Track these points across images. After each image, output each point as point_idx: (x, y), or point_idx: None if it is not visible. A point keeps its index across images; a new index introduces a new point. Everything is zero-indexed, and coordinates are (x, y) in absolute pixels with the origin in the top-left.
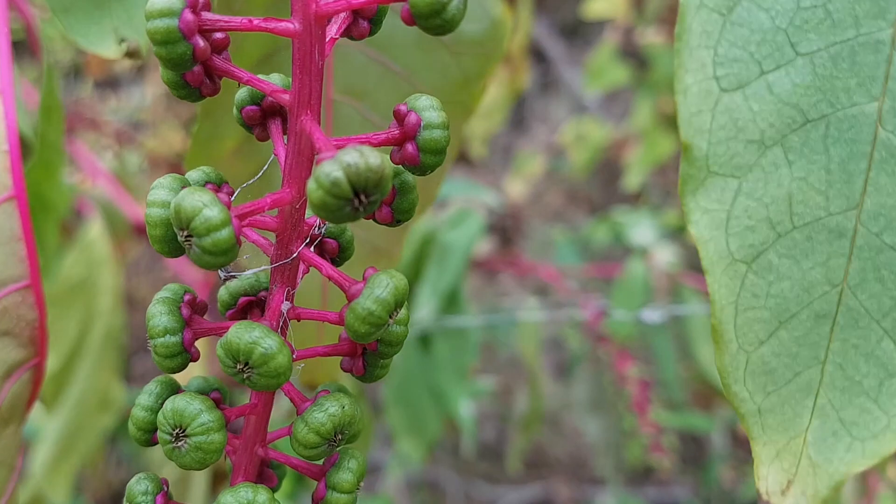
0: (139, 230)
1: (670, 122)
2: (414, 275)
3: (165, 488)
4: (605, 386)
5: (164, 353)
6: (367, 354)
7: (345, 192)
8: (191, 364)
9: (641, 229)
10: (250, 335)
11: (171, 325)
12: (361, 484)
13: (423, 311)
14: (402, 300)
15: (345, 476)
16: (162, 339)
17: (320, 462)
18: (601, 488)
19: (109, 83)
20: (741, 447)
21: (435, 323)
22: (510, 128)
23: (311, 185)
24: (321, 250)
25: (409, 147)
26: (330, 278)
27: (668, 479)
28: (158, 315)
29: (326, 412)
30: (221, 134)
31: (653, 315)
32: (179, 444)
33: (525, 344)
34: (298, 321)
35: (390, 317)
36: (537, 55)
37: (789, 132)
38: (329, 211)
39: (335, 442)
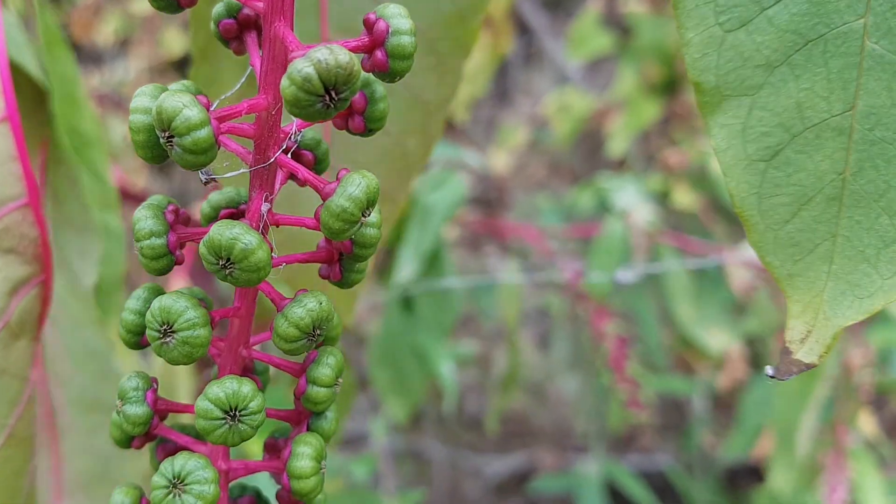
0: (124, 195)
1: (655, 88)
2: (395, 237)
3: (155, 386)
4: (583, 343)
5: (150, 254)
6: (343, 259)
7: (316, 87)
8: None
9: (626, 194)
10: (231, 231)
11: (157, 228)
12: (340, 380)
13: (405, 272)
14: (374, 199)
15: (324, 371)
16: (147, 241)
17: (301, 361)
18: (584, 456)
19: (93, 58)
20: (722, 412)
21: (417, 285)
22: (493, 100)
23: (284, 82)
24: (298, 162)
25: (379, 53)
26: (306, 181)
27: (650, 447)
28: (144, 219)
29: (305, 307)
30: (220, 79)
31: (626, 275)
32: (167, 339)
33: (506, 306)
34: (277, 227)
35: (363, 215)
36: (520, 27)
37: (793, 52)
38: (301, 107)
39: (314, 336)
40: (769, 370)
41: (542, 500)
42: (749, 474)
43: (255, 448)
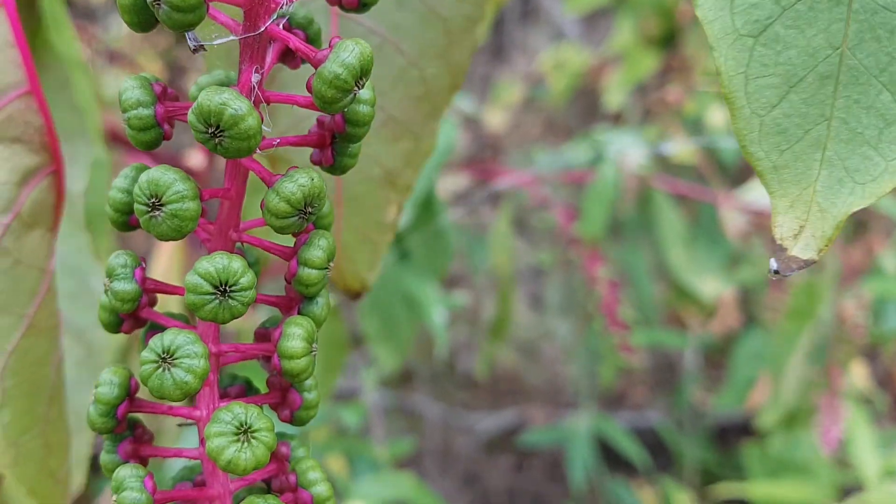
0: (113, 137)
1: (653, 42)
2: None
3: (144, 265)
4: (575, 288)
5: (137, 125)
6: (335, 142)
7: None
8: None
9: (620, 141)
10: (220, 97)
11: (144, 98)
12: (331, 263)
13: (399, 219)
14: (368, 68)
15: (315, 253)
16: (135, 111)
17: (292, 244)
18: (575, 412)
19: (86, 14)
20: (713, 369)
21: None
22: (489, 58)
23: None
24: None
25: None
26: (297, 50)
27: (641, 404)
28: (131, 89)
29: (296, 182)
30: None
31: (668, 147)
32: (155, 213)
33: (496, 254)
34: (268, 105)
35: (356, 84)
36: None
37: None
38: None
39: (305, 214)
40: (773, 264)
41: (533, 455)
42: (739, 431)
43: None
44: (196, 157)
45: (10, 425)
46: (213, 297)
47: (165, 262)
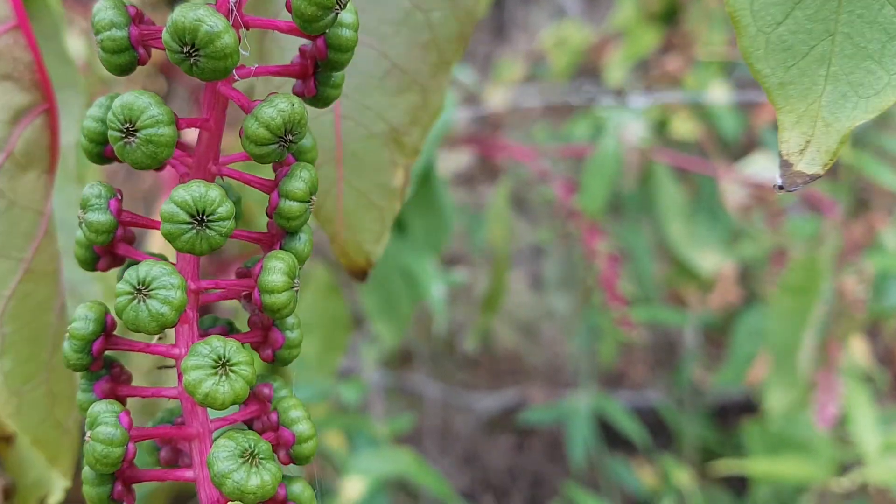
0: None
1: (654, 18)
2: None
3: (119, 196)
4: (575, 262)
5: (110, 47)
6: (317, 72)
7: None
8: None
9: (621, 116)
10: (195, 13)
11: (117, 19)
12: (314, 198)
13: (407, 188)
14: None
15: (297, 184)
16: (108, 32)
17: (272, 177)
18: (575, 391)
19: None
20: (712, 346)
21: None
22: (490, 37)
23: None
24: None
25: None
26: None
27: (640, 384)
28: (104, 10)
29: (276, 108)
30: None
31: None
32: (130, 139)
33: (494, 226)
34: (248, 29)
35: (338, 2)
36: None
37: None
38: None
39: (285, 141)
40: (777, 179)
41: (532, 434)
42: (739, 410)
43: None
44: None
45: (11, 373)
46: (190, 226)
47: (160, 243)
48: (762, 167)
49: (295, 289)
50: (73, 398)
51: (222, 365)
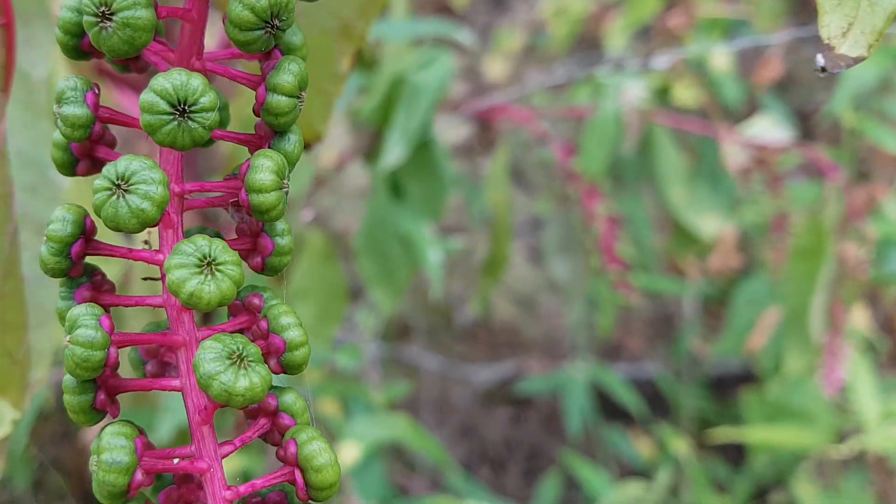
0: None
1: None
2: (383, 119)
3: (96, 91)
4: (574, 225)
5: None
6: None
7: None
8: None
9: (627, 87)
10: None
11: None
12: (304, 94)
13: (393, 154)
14: None
15: (285, 77)
16: None
17: (259, 71)
18: (573, 362)
19: None
20: (711, 318)
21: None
22: (490, 6)
23: None
24: None
25: None
26: None
27: (638, 356)
28: None
29: None
30: None
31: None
32: (106, 24)
33: (493, 191)
34: None
35: None
36: None
37: None
38: None
39: (271, 27)
40: (819, 60)
41: (529, 407)
42: (736, 381)
43: None
44: None
45: None
46: (171, 117)
47: None
48: (764, 129)
49: (284, 189)
50: (23, 330)
51: (207, 264)
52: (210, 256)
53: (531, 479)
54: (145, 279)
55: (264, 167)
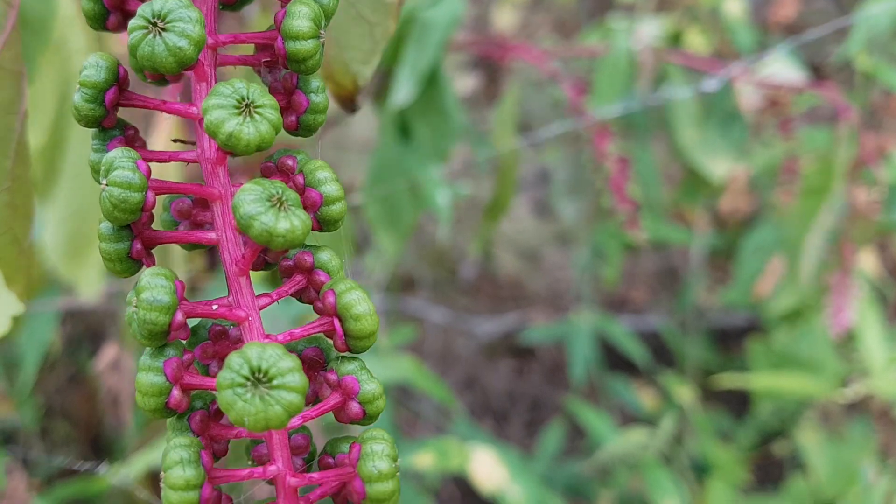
0: None
1: None
2: (392, 57)
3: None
4: (584, 164)
5: None
6: None
7: None
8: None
9: (641, 27)
10: None
11: None
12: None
13: (402, 92)
14: None
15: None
16: None
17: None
18: (577, 311)
19: None
20: (716, 271)
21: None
22: None
23: None
24: None
25: None
26: None
27: (643, 308)
28: None
29: None
30: None
31: (711, 84)
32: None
33: (500, 131)
34: None
35: None
36: None
37: None
38: None
39: None
40: None
41: (532, 359)
42: (741, 334)
43: None
44: None
45: None
46: None
47: (165, 136)
48: (777, 70)
49: (321, 39)
50: (30, 219)
51: (246, 106)
52: (248, 98)
53: (534, 430)
54: (175, 141)
55: (301, 14)
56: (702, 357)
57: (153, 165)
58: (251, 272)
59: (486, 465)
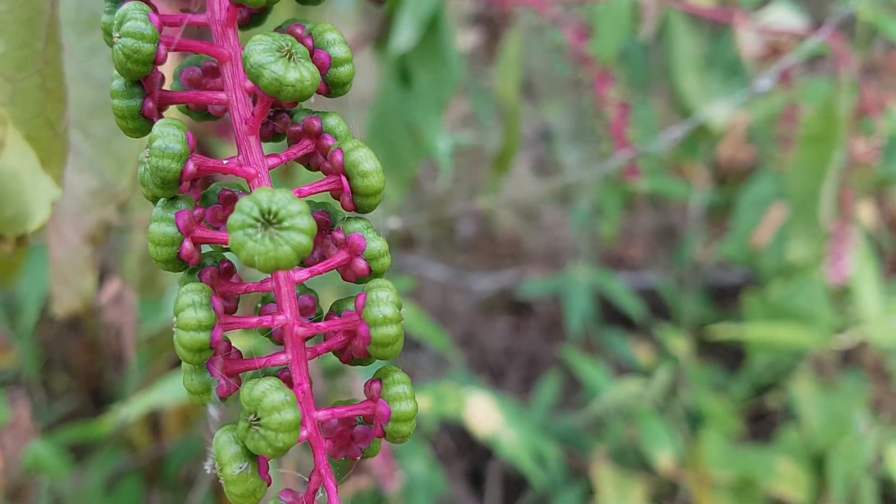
0: None
1: None
2: (394, 2)
3: None
4: (585, 110)
5: None
6: None
7: None
8: None
9: None
10: None
11: None
12: None
13: (404, 37)
14: None
15: None
16: None
17: None
18: (575, 265)
19: None
20: (714, 227)
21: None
22: None
23: None
24: None
25: None
26: None
27: (640, 265)
28: None
29: None
30: None
31: (765, 83)
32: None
33: (504, 79)
34: None
35: None
36: None
37: None
38: None
39: None
40: None
41: (530, 316)
42: (738, 291)
43: None
44: None
45: (5, 57)
46: None
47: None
48: (780, 17)
49: None
50: (63, 102)
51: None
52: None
53: (530, 386)
54: (183, 10)
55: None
56: (698, 313)
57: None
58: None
59: (482, 410)
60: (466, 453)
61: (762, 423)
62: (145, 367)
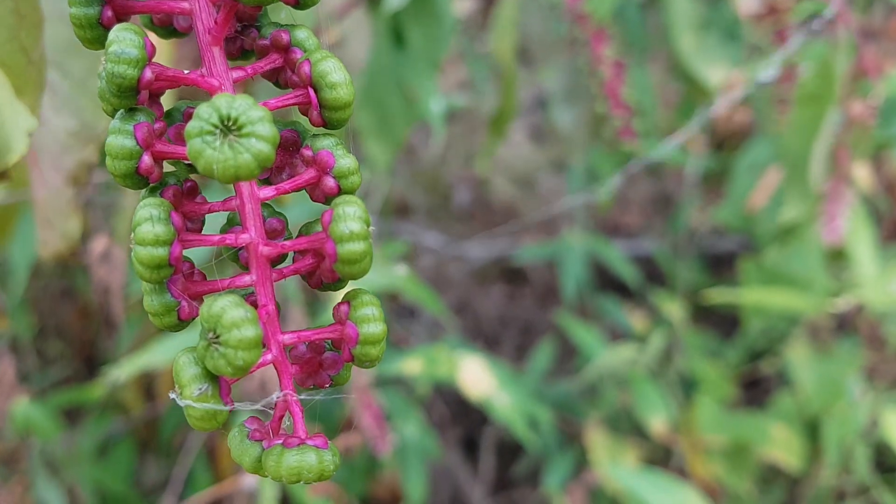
0: None
1: None
2: None
3: None
4: (580, 69)
5: None
6: None
7: None
8: None
9: None
10: None
11: None
12: None
13: None
14: None
15: None
16: None
17: None
18: (570, 230)
19: None
20: (710, 194)
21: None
22: None
23: None
24: None
25: None
26: None
27: (635, 233)
28: None
29: None
30: None
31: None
32: None
33: (500, 39)
34: None
35: None
36: None
37: None
38: None
39: None
40: None
41: (524, 285)
42: (733, 258)
43: None
44: None
45: None
46: None
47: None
48: None
49: None
50: (38, 28)
51: None
52: None
53: (524, 354)
54: None
55: None
56: (693, 280)
57: None
58: (228, 56)
59: (475, 373)
60: (461, 421)
61: (756, 388)
62: (137, 327)
